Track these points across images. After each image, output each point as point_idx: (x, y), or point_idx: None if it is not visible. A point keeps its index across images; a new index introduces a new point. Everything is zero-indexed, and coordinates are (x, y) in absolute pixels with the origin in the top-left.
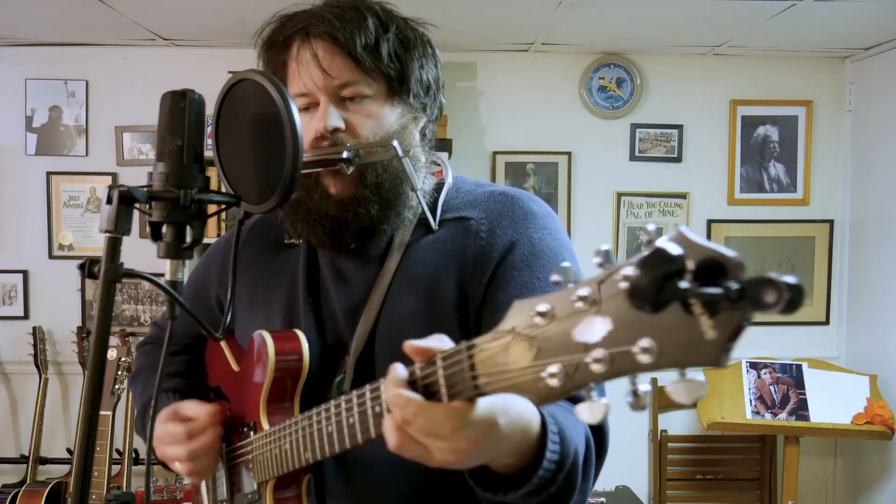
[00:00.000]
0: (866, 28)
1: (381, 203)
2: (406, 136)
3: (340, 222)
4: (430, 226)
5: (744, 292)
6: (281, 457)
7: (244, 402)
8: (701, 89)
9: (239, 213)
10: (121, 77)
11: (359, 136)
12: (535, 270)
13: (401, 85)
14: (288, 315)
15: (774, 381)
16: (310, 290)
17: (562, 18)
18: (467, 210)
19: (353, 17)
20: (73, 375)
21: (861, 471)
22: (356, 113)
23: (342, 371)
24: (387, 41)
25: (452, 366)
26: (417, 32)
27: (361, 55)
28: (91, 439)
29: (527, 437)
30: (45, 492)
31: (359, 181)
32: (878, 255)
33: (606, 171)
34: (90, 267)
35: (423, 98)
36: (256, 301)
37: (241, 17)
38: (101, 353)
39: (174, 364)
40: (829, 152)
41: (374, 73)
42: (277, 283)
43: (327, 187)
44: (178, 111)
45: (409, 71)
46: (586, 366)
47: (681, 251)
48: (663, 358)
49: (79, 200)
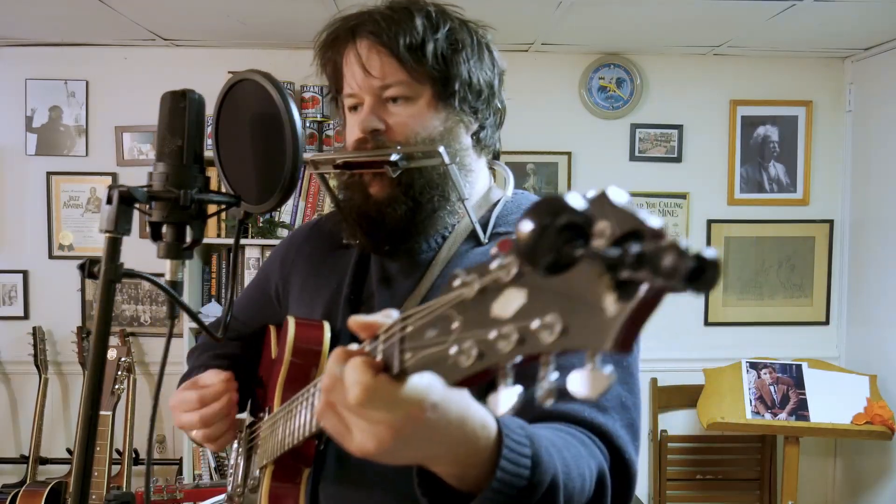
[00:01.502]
0: (866, 28)
1: (411, 205)
2: (451, 141)
3: (375, 223)
4: (479, 239)
5: (644, 256)
6: (274, 440)
7: (269, 387)
8: (701, 89)
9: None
10: (121, 77)
11: (398, 138)
12: None
13: (445, 87)
14: (329, 306)
15: (774, 381)
16: (353, 287)
17: (562, 18)
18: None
19: (401, 16)
20: (73, 375)
21: (861, 471)
22: (398, 115)
23: None
24: (434, 41)
25: (389, 339)
26: (475, 35)
27: (404, 55)
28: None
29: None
30: (45, 492)
31: (396, 182)
32: (877, 255)
33: (606, 171)
34: (90, 267)
35: (474, 102)
36: (306, 291)
37: (241, 17)
38: (101, 354)
39: (227, 346)
40: (828, 152)
41: (418, 75)
42: (327, 280)
43: (368, 187)
44: (178, 111)
45: (455, 73)
46: (493, 344)
47: (584, 205)
48: (568, 337)
49: (79, 200)
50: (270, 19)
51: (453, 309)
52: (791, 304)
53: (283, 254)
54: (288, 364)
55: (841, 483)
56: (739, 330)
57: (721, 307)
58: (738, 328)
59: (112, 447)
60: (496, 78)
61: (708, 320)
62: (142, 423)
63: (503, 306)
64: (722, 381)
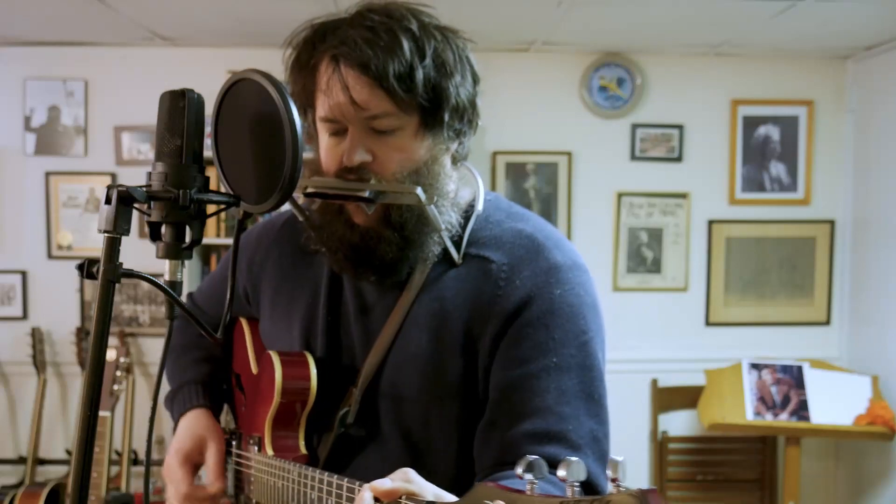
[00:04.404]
0: (867, 28)
1: (404, 243)
2: (435, 169)
3: (362, 254)
4: (453, 259)
5: None
6: (274, 492)
7: (255, 411)
8: (701, 89)
9: (238, 213)
10: (120, 77)
11: (385, 171)
12: (550, 330)
13: (434, 116)
14: (307, 326)
15: (775, 382)
16: (330, 306)
17: (562, 18)
18: (491, 249)
19: (386, 41)
20: (71, 376)
21: (862, 472)
22: (385, 146)
23: (349, 402)
24: (422, 68)
25: None
26: (457, 51)
27: (393, 87)
28: (90, 440)
29: None
30: (44, 493)
31: (383, 218)
32: (879, 255)
33: (607, 171)
34: (89, 267)
35: (458, 125)
36: (280, 301)
37: (241, 17)
38: (100, 354)
39: (203, 348)
40: (829, 152)
41: (406, 105)
42: (301, 288)
43: (352, 216)
44: (177, 111)
45: (443, 99)
46: None
47: None
48: None
49: (77, 200)
50: (270, 19)
51: None
52: (792, 304)
53: (251, 256)
54: (277, 405)
55: (842, 484)
56: (740, 330)
57: (722, 307)
58: (739, 329)
59: (111, 448)
60: (476, 93)
61: (709, 321)
62: (141, 424)
63: None
64: (723, 382)
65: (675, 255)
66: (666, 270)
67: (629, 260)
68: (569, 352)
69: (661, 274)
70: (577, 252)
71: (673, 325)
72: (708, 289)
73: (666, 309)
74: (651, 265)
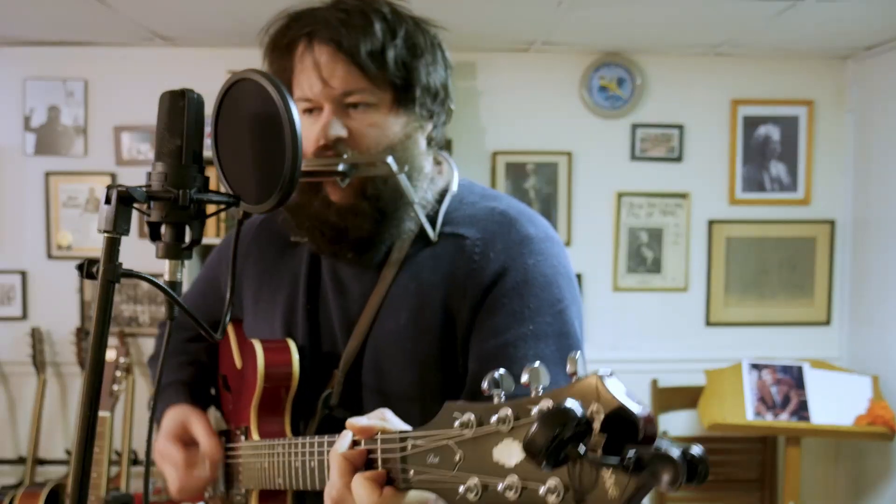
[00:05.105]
0: (867, 28)
1: (379, 216)
2: (409, 146)
3: (339, 231)
4: (429, 238)
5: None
6: (261, 473)
7: (241, 403)
8: (701, 89)
9: (238, 212)
10: (120, 77)
11: (361, 145)
12: (525, 299)
13: (406, 93)
14: (288, 316)
15: (776, 382)
16: (309, 294)
17: (562, 18)
18: (465, 227)
19: (359, 21)
20: (71, 376)
21: (863, 472)
22: (359, 122)
23: (332, 385)
24: (393, 48)
25: (388, 451)
26: (427, 36)
27: (366, 63)
28: (89, 440)
29: None
30: (44, 493)
31: (359, 192)
32: (879, 256)
33: (607, 171)
34: (89, 267)
35: (431, 105)
36: (262, 297)
37: (241, 17)
38: (100, 354)
39: (188, 353)
40: (830, 152)
41: (379, 81)
42: (281, 280)
43: (328, 195)
44: (176, 111)
45: (415, 78)
46: (500, 492)
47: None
48: (569, 497)
49: (77, 200)
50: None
51: (455, 443)
52: (792, 304)
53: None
54: (261, 391)
55: (842, 484)
56: (740, 330)
57: (722, 308)
58: (740, 329)
59: (111, 448)
60: (448, 78)
61: (709, 321)
62: (140, 424)
63: (504, 454)
64: (723, 382)
65: (675, 255)
66: (666, 270)
67: (629, 260)
68: (544, 320)
69: (661, 274)
70: (550, 226)
71: (673, 325)
72: (708, 289)
73: (666, 309)
74: (651, 265)
